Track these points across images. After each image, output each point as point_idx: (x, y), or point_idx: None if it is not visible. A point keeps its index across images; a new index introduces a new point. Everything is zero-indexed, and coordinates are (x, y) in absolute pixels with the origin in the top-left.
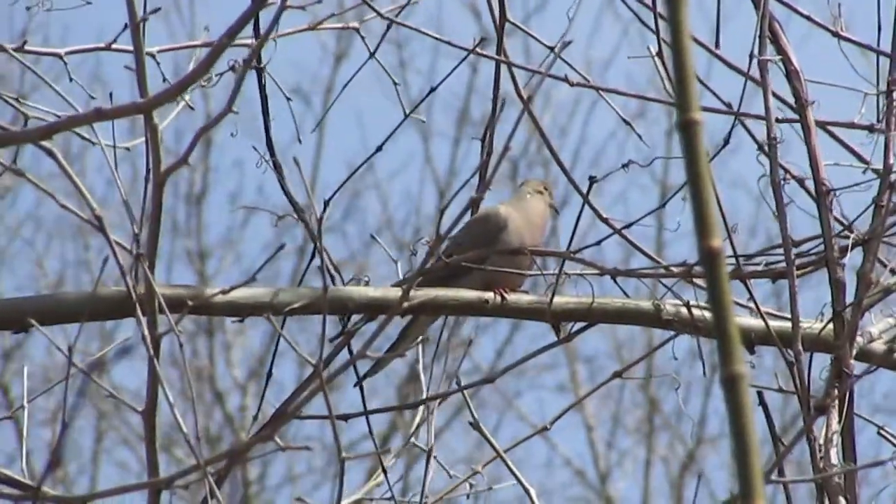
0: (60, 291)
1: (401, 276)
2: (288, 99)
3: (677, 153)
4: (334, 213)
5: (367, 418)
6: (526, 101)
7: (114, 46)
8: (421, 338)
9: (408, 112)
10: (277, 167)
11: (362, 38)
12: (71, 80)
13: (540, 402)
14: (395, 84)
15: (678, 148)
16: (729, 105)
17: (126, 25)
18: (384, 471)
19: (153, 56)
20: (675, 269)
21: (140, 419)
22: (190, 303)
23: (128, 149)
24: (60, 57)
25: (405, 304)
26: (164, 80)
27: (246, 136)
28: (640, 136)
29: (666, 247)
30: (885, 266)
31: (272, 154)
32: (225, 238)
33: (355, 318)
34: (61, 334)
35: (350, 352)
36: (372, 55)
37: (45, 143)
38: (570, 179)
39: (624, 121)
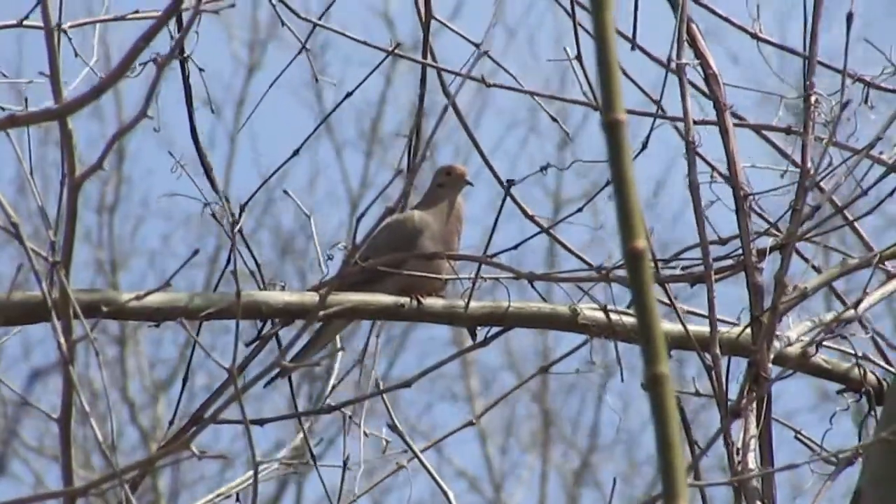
0: None
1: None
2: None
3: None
4: (248, 221)
5: (299, 420)
6: (452, 99)
7: (27, 23)
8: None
9: (323, 118)
10: (202, 155)
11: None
12: None
13: (431, 415)
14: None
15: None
16: (654, 101)
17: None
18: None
19: (65, 32)
20: (592, 274)
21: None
22: (105, 308)
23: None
24: None
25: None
26: (76, 55)
27: (160, 144)
28: (567, 133)
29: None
30: (807, 261)
31: (197, 144)
32: (135, 247)
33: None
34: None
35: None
36: (304, 47)
37: None
38: (496, 176)
39: (551, 117)
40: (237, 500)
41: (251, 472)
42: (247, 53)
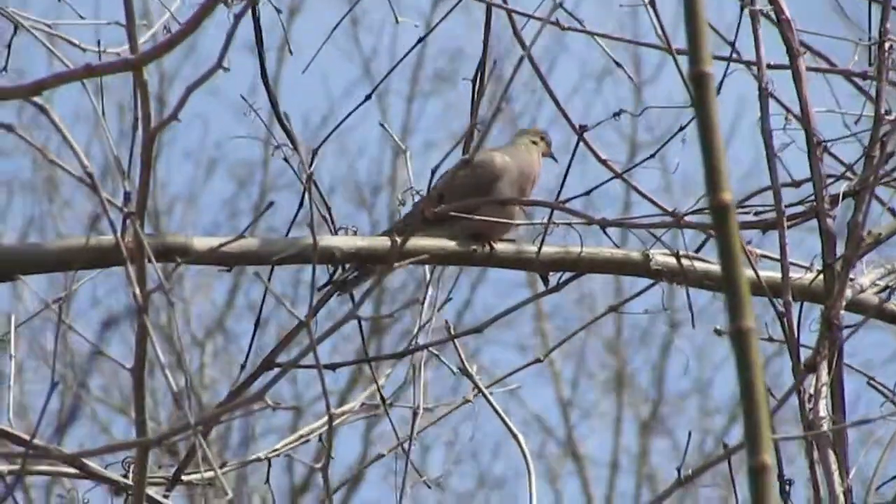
0: (45, 241)
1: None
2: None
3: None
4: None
5: (370, 366)
6: (528, 49)
7: None
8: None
9: (398, 61)
10: (274, 101)
11: None
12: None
13: (495, 360)
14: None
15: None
16: (729, 42)
17: None
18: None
19: None
20: (666, 219)
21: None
22: (179, 259)
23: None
24: None
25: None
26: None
27: (205, 91)
28: (631, 79)
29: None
30: (883, 204)
31: (265, 79)
32: (185, 193)
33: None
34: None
35: (352, 296)
36: None
37: (35, 99)
38: (569, 121)
39: (616, 63)
40: (320, 439)
41: (322, 421)
42: None
